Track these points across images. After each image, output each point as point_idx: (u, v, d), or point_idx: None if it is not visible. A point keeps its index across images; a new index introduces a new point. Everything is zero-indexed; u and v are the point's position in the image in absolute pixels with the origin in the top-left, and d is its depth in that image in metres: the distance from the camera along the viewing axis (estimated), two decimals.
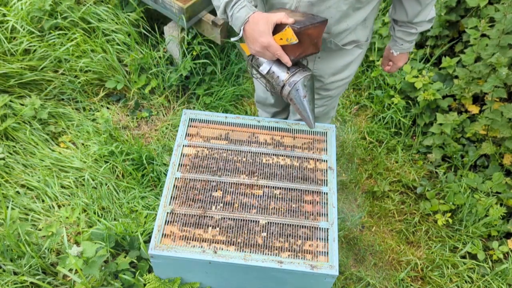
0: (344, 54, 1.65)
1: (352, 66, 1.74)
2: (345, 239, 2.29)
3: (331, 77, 1.73)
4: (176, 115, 2.68)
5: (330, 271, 1.35)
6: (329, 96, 1.85)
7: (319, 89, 1.79)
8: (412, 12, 1.57)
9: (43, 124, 2.47)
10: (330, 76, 1.73)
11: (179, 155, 1.58)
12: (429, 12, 1.58)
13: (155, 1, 2.50)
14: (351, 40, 1.60)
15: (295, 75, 1.43)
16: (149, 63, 2.66)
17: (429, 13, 1.58)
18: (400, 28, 1.66)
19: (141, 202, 2.21)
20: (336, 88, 1.81)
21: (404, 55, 1.79)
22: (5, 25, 2.53)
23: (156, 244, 1.38)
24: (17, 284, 1.83)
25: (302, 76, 1.43)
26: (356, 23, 1.52)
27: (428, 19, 1.60)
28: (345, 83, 1.81)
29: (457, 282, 2.17)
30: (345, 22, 1.50)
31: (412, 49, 1.85)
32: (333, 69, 1.70)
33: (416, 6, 1.54)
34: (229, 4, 1.37)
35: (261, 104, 2.20)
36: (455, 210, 2.38)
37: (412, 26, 1.63)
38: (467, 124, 2.52)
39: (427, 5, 1.53)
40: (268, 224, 1.44)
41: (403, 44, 1.71)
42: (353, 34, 1.58)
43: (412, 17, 1.58)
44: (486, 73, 2.35)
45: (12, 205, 2.09)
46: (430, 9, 1.58)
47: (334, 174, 1.56)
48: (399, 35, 1.69)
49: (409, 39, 1.69)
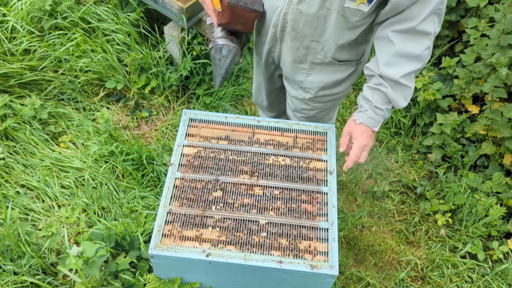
0: (336, 70, 1.62)
1: (345, 84, 1.70)
2: (345, 239, 2.29)
3: (320, 91, 1.71)
4: (176, 115, 2.68)
5: (330, 271, 1.35)
6: (318, 108, 1.82)
7: (308, 100, 1.77)
8: (383, 56, 1.38)
9: (43, 124, 2.47)
10: (319, 90, 1.71)
11: (179, 155, 1.58)
12: (405, 71, 1.36)
13: (155, 1, 2.50)
14: (343, 59, 1.59)
15: (222, 39, 1.60)
16: (149, 63, 2.66)
17: (404, 72, 1.36)
18: (368, 84, 1.47)
19: (141, 202, 2.21)
20: (326, 102, 1.77)
21: (367, 130, 1.48)
22: (5, 25, 2.54)
23: (156, 244, 1.38)
24: (17, 284, 1.83)
25: (226, 43, 1.60)
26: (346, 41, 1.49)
27: (400, 77, 1.36)
28: (335, 98, 1.76)
29: (457, 282, 2.17)
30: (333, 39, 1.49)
31: (378, 129, 1.49)
32: (323, 83, 1.68)
33: (389, 47, 1.36)
34: None
35: (258, 105, 2.21)
36: (455, 210, 2.39)
37: (382, 83, 1.41)
38: (467, 124, 2.52)
39: (403, 55, 1.35)
40: (268, 224, 1.44)
41: (368, 110, 1.46)
42: (344, 53, 1.56)
43: (382, 63, 1.39)
44: (486, 73, 2.35)
45: (12, 205, 2.09)
46: (407, 68, 1.36)
47: (334, 174, 1.56)
48: (366, 94, 1.46)
49: (376, 103, 1.44)
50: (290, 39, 1.57)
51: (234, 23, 1.54)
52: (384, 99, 1.43)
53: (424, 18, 1.31)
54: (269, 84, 1.96)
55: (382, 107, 1.44)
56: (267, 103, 2.09)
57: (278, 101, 2.10)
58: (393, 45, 1.35)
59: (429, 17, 1.32)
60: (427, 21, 1.32)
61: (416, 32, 1.33)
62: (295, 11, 1.45)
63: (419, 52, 1.35)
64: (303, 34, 1.52)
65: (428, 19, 1.32)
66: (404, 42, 1.35)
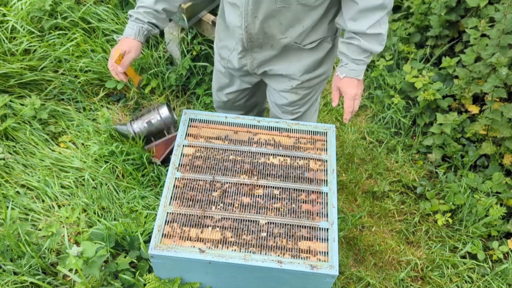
0: (312, 51, 1.64)
1: (326, 63, 1.72)
2: (345, 239, 2.29)
3: (305, 74, 1.72)
4: (176, 115, 2.68)
5: (330, 271, 1.35)
6: (308, 94, 1.83)
7: (297, 88, 1.77)
8: (348, 13, 1.43)
9: (43, 124, 2.47)
10: (304, 73, 1.71)
11: (179, 155, 1.58)
12: (371, 22, 1.41)
13: None
14: (315, 39, 1.60)
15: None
16: (149, 63, 2.66)
17: (371, 23, 1.41)
18: (342, 39, 1.52)
19: (141, 202, 2.21)
20: (314, 86, 1.79)
21: (352, 81, 1.56)
22: (5, 25, 2.53)
23: (156, 244, 1.38)
24: (17, 284, 1.83)
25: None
26: (313, 23, 1.52)
27: (367, 28, 1.42)
28: (322, 79, 1.78)
29: (457, 282, 2.17)
30: (300, 24, 1.51)
31: (362, 76, 1.57)
32: (305, 66, 1.68)
33: (352, 6, 1.41)
34: (130, 16, 1.64)
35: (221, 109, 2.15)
36: (455, 210, 2.39)
37: (353, 36, 1.47)
38: (467, 124, 2.52)
39: (367, 10, 1.39)
40: (268, 224, 1.44)
41: (348, 63, 1.53)
42: (314, 33, 1.57)
43: (348, 19, 1.44)
44: (486, 73, 2.35)
45: (12, 205, 2.09)
46: (372, 18, 1.41)
47: (334, 174, 1.56)
48: (342, 49, 1.52)
49: (353, 55, 1.50)
50: (259, 46, 1.61)
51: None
52: (359, 50, 1.48)
53: None
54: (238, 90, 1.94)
55: (360, 57, 1.50)
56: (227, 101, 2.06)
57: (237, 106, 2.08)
58: (355, 3, 1.39)
59: None
60: None
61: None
62: (254, 20, 1.49)
63: (381, 2, 1.38)
64: (270, 35, 1.55)
65: None
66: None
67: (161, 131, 2.42)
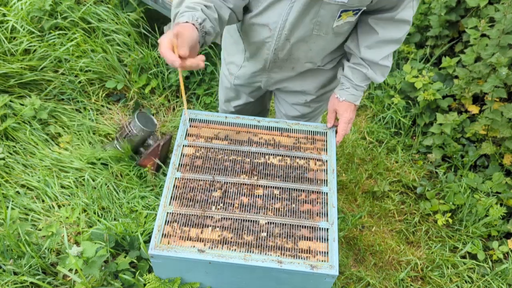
0: (329, 70, 1.66)
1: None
2: (345, 239, 2.29)
3: (320, 90, 1.73)
4: (176, 115, 2.68)
5: (330, 271, 1.35)
6: (320, 106, 1.84)
7: (310, 101, 1.78)
8: (364, 40, 1.43)
9: (43, 124, 2.47)
10: (319, 89, 1.73)
11: (179, 155, 1.58)
12: (384, 54, 1.43)
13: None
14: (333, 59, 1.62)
15: None
16: (149, 63, 2.66)
17: (384, 55, 1.43)
18: (349, 64, 1.52)
19: (141, 202, 2.21)
20: (327, 99, 1.79)
21: (350, 106, 1.58)
22: (5, 25, 2.53)
23: (156, 244, 1.38)
24: (17, 284, 1.83)
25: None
26: (337, 48, 1.54)
27: (380, 59, 1.44)
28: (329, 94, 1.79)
29: (457, 282, 2.17)
30: (327, 51, 1.53)
31: (359, 103, 1.61)
32: (321, 83, 1.70)
33: (371, 35, 1.41)
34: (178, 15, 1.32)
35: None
36: (455, 210, 2.38)
37: (362, 63, 1.48)
38: (467, 124, 2.52)
39: (384, 41, 1.40)
40: (268, 224, 1.44)
41: (349, 88, 1.54)
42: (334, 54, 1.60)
43: (363, 46, 1.44)
44: (486, 73, 2.35)
45: (12, 205, 2.09)
46: (387, 50, 1.43)
47: (334, 174, 1.56)
48: (346, 73, 1.53)
49: (356, 81, 1.51)
50: (279, 67, 1.61)
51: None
52: (363, 77, 1.51)
53: (404, 6, 1.34)
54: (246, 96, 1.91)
55: (362, 84, 1.52)
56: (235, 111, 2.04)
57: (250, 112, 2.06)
58: (376, 33, 1.40)
59: (408, 4, 1.35)
60: (407, 8, 1.35)
61: (397, 20, 1.37)
62: (285, 43, 1.47)
63: (399, 37, 1.41)
64: (296, 59, 1.55)
65: (408, 6, 1.35)
66: (386, 29, 1.39)
67: (144, 140, 2.41)
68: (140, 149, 2.41)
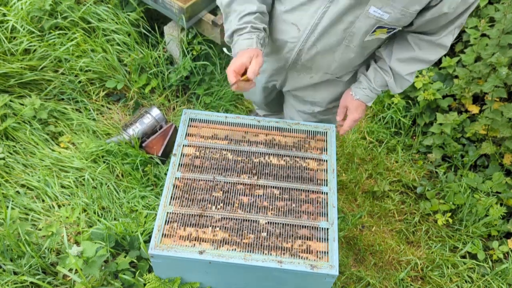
0: (346, 82, 1.65)
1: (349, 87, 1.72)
2: (345, 239, 2.29)
3: (330, 103, 1.73)
4: (176, 115, 2.68)
5: (330, 271, 1.35)
6: (327, 119, 1.84)
7: (317, 113, 1.78)
8: (399, 53, 1.43)
9: (43, 124, 2.47)
10: (329, 102, 1.72)
11: (179, 155, 1.58)
12: (412, 70, 1.44)
13: (155, 1, 2.49)
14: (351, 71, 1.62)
15: None
16: (149, 63, 2.66)
17: (411, 71, 1.44)
18: (375, 65, 1.52)
19: (141, 201, 2.21)
20: (335, 113, 1.77)
21: (361, 105, 1.59)
22: (5, 25, 2.53)
23: (156, 244, 1.38)
24: (17, 284, 1.83)
25: None
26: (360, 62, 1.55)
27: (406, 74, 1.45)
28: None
29: (457, 282, 2.17)
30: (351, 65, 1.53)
31: (370, 104, 1.62)
32: (334, 95, 1.69)
33: (408, 50, 1.41)
34: (238, 31, 1.38)
35: (254, 103, 2.21)
36: (455, 210, 2.39)
37: (388, 71, 1.48)
38: (467, 124, 2.52)
39: (417, 59, 1.41)
40: (268, 224, 1.44)
41: (366, 88, 1.54)
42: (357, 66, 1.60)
43: (395, 58, 1.44)
44: (486, 73, 2.35)
45: (12, 205, 2.09)
46: (415, 67, 1.43)
47: (334, 174, 1.56)
48: (369, 74, 1.53)
49: (375, 85, 1.52)
50: (298, 71, 1.58)
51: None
52: (383, 83, 1.51)
53: (447, 33, 1.34)
54: (265, 94, 1.94)
55: (379, 89, 1.54)
56: (263, 104, 2.09)
57: (275, 103, 2.09)
58: (412, 50, 1.40)
59: (451, 31, 1.34)
60: (449, 35, 1.35)
61: (437, 44, 1.37)
62: (311, 48, 1.44)
63: (433, 59, 1.41)
64: (317, 67, 1.53)
65: (450, 32, 1.34)
66: (423, 50, 1.39)
67: (154, 130, 2.50)
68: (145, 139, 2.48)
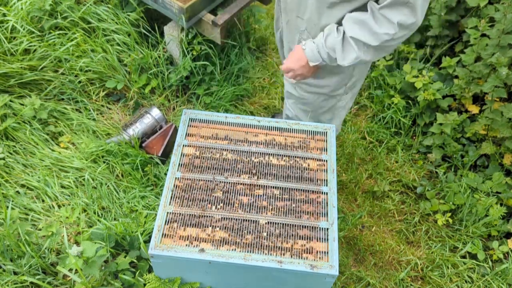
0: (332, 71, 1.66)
1: (328, 78, 1.69)
2: (345, 239, 2.29)
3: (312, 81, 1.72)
4: (176, 115, 2.68)
5: (330, 271, 1.35)
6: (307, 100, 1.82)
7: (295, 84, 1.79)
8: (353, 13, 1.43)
9: (43, 124, 2.47)
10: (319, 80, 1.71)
11: (179, 155, 1.58)
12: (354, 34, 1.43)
13: (155, 1, 2.49)
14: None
15: None
16: (149, 63, 2.66)
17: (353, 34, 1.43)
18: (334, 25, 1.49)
19: (141, 201, 2.21)
20: (310, 94, 1.76)
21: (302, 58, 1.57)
22: (5, 25, 2.53)
23: (156, 244, 1.38)
24: (17, 284, 1.83)
25: None
26: (326, 23, 1.50)
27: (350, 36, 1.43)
28: (319, 93, 1.75)
29: (457, 282, 2.17)
30: (316, 17, 1.51)
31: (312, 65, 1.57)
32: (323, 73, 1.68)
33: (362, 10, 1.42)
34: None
35: None
36: (455, 210, 2.39)
37: (340, 30, 1.46)
38: (467, 124, 2.52)
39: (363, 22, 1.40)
40: (268, 224, 1.44)
41: (315, 43, 1.52)
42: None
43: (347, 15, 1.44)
44: (486, 73, 2.35)
45: (12, 205, 2.09)
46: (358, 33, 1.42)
47: (334, 174, 1.56)
48: (326, 29, 1.50)
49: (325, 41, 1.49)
50: (284, 13, 1.65)
51: None
52: (333, 43, 1.47)
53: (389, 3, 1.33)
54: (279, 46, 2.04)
55: (327, 50, 1.49)
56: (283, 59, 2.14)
57: None
58: (366, 14, 1.39)
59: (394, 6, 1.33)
60: (393, 9, 1.33)
61: (380, 15, 1.36)
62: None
63: (379, 32, 1.38)
64: (291, 8, 1.59)
65: (393, 7, 1.33)
66: (376, 19, 1.38)
67: (154, 130, 2.52)
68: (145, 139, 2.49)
